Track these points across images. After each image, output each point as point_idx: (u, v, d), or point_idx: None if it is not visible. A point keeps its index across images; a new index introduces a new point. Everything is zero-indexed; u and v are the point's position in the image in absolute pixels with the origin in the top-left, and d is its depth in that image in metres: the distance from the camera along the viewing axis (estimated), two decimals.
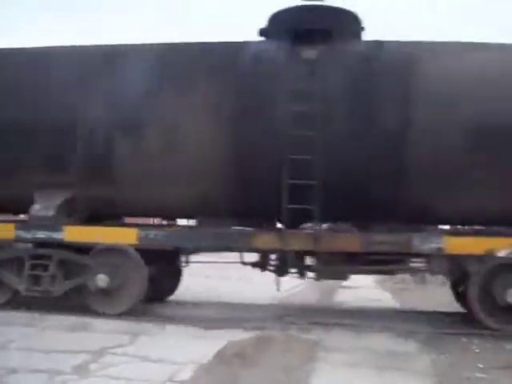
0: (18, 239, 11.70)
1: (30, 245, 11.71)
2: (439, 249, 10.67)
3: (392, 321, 11.23)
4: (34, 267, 11.46)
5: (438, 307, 13.44)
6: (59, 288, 11.45)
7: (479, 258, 10.53)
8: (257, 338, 9.57)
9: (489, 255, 10.48)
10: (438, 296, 15.38)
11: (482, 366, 8.31)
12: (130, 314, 11.19)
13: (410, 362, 8.50)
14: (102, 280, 11.18)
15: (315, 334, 10.04)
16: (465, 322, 11.52)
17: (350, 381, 7.54)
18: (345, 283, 13.47)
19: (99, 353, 8.34)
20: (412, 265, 11.48)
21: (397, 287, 17.90)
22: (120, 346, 8.85)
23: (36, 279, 11.45)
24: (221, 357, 8.40)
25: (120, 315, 11.07)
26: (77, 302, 11.58)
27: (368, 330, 10.42)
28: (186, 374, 7.52)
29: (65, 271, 11.57)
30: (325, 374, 7.79)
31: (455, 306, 13.06)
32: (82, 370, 7.55)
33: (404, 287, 17.95)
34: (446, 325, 11.37)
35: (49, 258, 11.43)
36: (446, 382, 7.60)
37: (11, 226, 11.76)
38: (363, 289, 17.16)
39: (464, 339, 10.00)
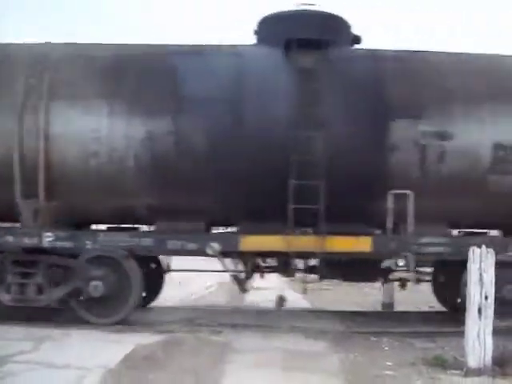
0: None
1: None
2: None
3: (302, 321, 11.24)
4: None
5: (349, 307, 13.57)
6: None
7: None
8: (166, 341, 9.39)
9: None
10: (351, 296, 15.59)
11: (390, 363, 8.40)
12: (33, 319, 10.79)
13: (319, 362, 8.52)
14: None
15: (225, 336, 9.96)
16: (375, 320, 11.69)
17: (259, 382, 7.49)
18: (256, 284, 13.44)
19: (0, 361, 7.93)
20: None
21: (308, 287, 17.92)
22: (22, 353, 8.46)
23: None
24: (129, 361, 8.19)
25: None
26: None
27: (277, 331, 10.41)
28: (93, 379, 7.29)
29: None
30: (234, 376, 7.72)
31: (367, 306, 13.24)
32: None
33: (315, 287, 18.01)
34: (357, 324, 11.49)
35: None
36: (355, 381, 7.64)
37: None
38: (275, 290, 17.15)
39: (373, 338, 10.11)
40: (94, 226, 12.07)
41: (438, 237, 10.86)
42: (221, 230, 12.44)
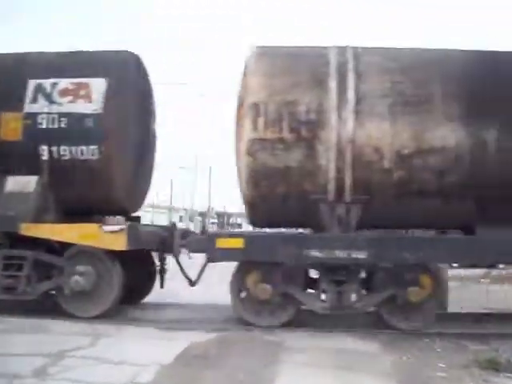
0: None
1: None
2: None
3: (354, 322, 11.21)
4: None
5: None
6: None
7: None
8: (219, 340, 9.52)
9: None
10: None
11: (443, 365, 8.35)
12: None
13: (372, 363, 8.52)
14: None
15: (278, 336, 10.01)
16: None
17: (313, 382, 7.54)
18: None
19: (59, 355, 8.18)
20: None
21: None
22: (80, 348, 8.70)
23: None
24: (183, 358, 8.34)
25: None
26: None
27: (330, 331, 10.42)
28: (148, 375, 7.43)
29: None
30: (288, 375, 7.78)
31: None
32: (40, 373, 7.40)
33: None
34: None
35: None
36: (407, 382, 7.66)
37: None
38: None
39: (426, 339, 10.05)
40: None
41: None
42: None
